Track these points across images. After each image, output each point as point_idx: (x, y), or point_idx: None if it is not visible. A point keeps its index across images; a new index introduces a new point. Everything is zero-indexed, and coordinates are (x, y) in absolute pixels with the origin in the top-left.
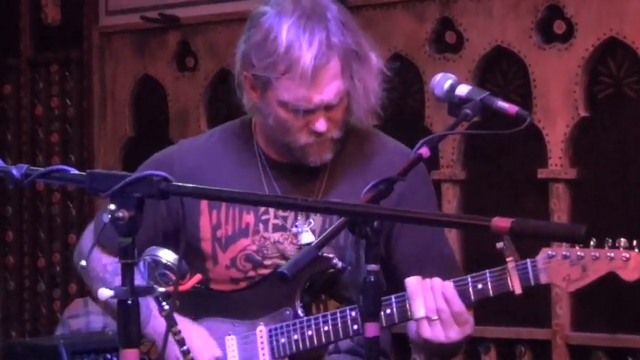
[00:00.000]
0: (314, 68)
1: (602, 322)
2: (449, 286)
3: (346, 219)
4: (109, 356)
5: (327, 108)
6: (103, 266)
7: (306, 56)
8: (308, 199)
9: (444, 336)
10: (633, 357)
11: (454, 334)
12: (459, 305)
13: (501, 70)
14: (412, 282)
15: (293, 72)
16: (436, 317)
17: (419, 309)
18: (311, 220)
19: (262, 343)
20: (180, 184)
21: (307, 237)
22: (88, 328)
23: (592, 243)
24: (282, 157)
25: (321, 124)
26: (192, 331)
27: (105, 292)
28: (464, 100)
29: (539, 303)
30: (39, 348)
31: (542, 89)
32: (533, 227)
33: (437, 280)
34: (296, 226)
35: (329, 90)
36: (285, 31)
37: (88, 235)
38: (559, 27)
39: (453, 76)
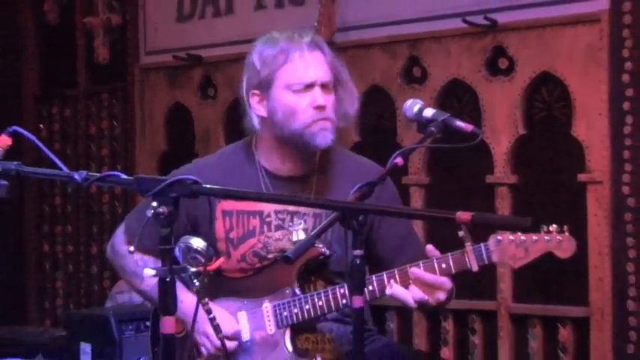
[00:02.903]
0: (308, 49)
1: (537, 295)
2: (418, 271)
3: (337, 214)
4: (147, 323)
5: (322, 87)
6: (134, 262)
7: (301, 44)
8: (312, 197)
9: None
10: (561, 323)
11: (441, 296)
12: (436, 280)
13: (457, 98)
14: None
15: (291, 57)
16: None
17: (409, 302)
18: (302, 221)
19: (268, 316)
20: (208, 185)
21: (300, 234)
22: (131, 301)
23: None
24: (280, 169)
25: (320, 97)
26: (214, 308)
27: (149, 272)
28: (430, 121)
29: (486, 280)
30: (93, 317)
31: (490, 112)
32: (489, 219)
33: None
34: (291, 225)
35: (320, 68)
36: (280, 38)
37: (119, 235)
38: (503, 63)
39: (420, 101)
